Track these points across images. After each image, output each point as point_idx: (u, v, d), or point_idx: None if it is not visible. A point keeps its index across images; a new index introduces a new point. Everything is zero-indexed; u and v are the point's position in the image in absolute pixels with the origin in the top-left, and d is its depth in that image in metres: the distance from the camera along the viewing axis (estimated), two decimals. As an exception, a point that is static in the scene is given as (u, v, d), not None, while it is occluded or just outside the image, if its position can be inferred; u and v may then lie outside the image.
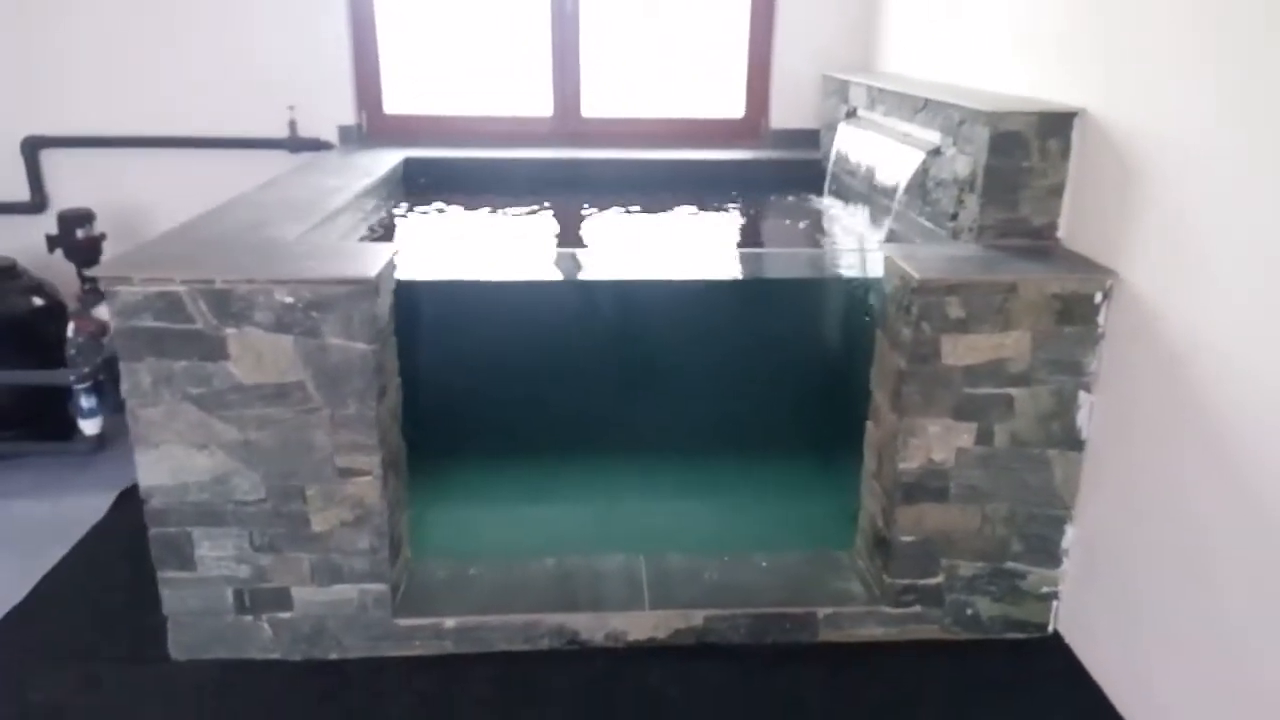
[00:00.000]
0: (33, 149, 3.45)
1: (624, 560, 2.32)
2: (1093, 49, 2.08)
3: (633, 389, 2.71)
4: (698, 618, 2.18)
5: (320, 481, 1.99)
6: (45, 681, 2.08)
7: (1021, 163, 2.13)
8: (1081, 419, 2.07)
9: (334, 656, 2.14)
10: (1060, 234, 2.19)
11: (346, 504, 2.01)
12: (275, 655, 2.13)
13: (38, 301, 3.04)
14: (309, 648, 2.13)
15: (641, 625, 2.17)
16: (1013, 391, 2.03)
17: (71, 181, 3.49)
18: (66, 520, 2.70)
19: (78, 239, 3.11)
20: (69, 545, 2.59)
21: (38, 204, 3.48)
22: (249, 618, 2.09)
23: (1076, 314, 1.99)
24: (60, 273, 3.18)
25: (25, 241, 3.28)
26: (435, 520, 2.48)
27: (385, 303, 2.00)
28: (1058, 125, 2.10)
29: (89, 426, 2.88)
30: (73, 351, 2.85)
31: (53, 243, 3.12)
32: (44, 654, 2.17)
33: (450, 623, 2.14)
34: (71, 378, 2.80)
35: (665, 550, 2.35)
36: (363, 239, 2.65)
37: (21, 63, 3.37)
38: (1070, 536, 2.16)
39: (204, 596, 2.07)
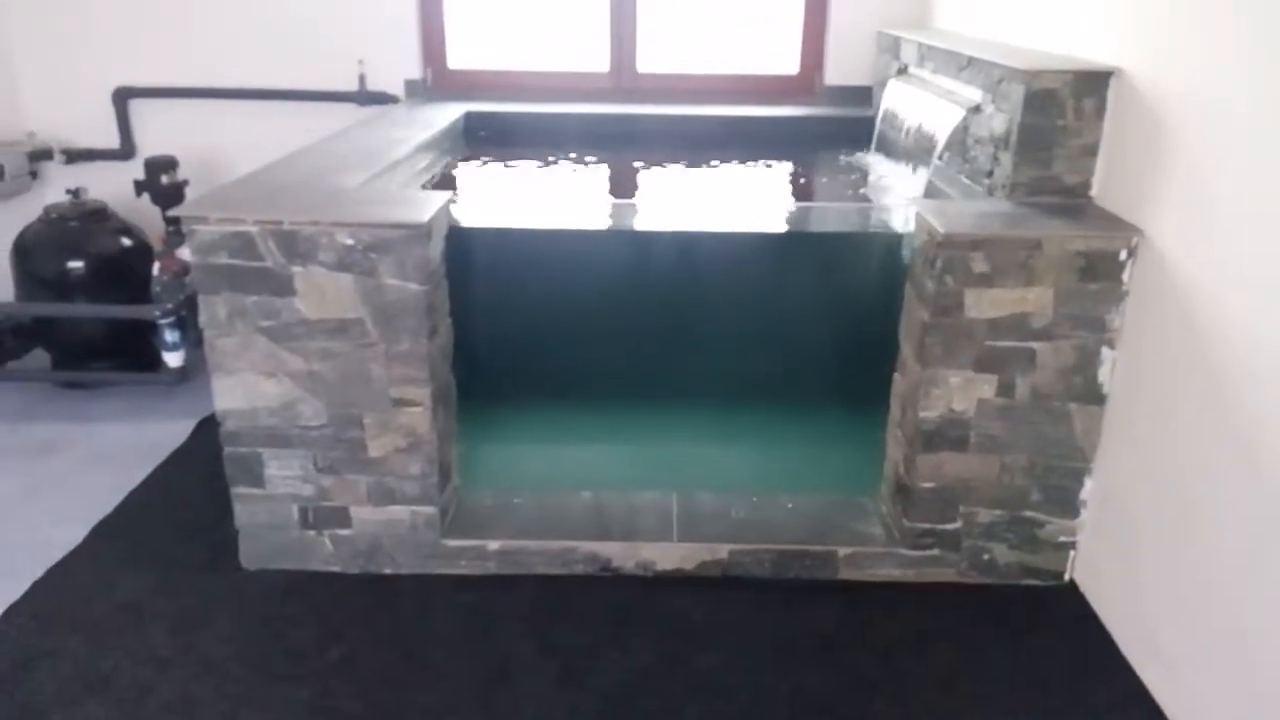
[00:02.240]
0: (122, 99, 3.69)
1: (656, 497, 2.45)
2: (1130, 7, 2.09)
3: (672, 336, 2.83)
4: (723, 551, 2.31)
5: (376, 410, 2.17)
6: (130, 585, 2.31)
7: (1056, 121, 2.17)
8: (1103, 374, 2.12)
9: (388, 571, 2.33)
10: (1094, 192, 2.22)
11: (400, 432, 2.19)
12: (335, 568, 2.33)
13: (126, 242, 3.27)
14: (365, 562, 2.32)
15: (670, 556, 2.31)
16: (1035, 345, 2.09)
17: (157, 130, 3.72)
18: (151, 444, 2.95)
19: (162, 184, 3.32)
20: (152, 466, 2.84)
21: (126, 151, 3.72)
22: (312, 533, 2.29)
23: (1101, 271, 2.03)
24: (146, 216, 3.41)
25: (115, 186, 3.53)
26: (483, 454, 2.65)
27: (437, 247, 2.14)
28: (1093, 84, 2.12)
29: (172, 359, 3.12)
30: (158, 289, 3.08)
31: (140, 187, 3.34)
32: (129, 561, 2.40)
33: (494, 545, 2.31)
34: (156, 313, 3.03)
35: (696, 489, 2.48)
36: (422, 187, 2.80)
37: (112, 18, 3.59)
38: (1089, 488, 2.22)
39: (272, 512, 2.28)
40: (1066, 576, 2.32)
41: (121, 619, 2.20)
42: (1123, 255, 2.02)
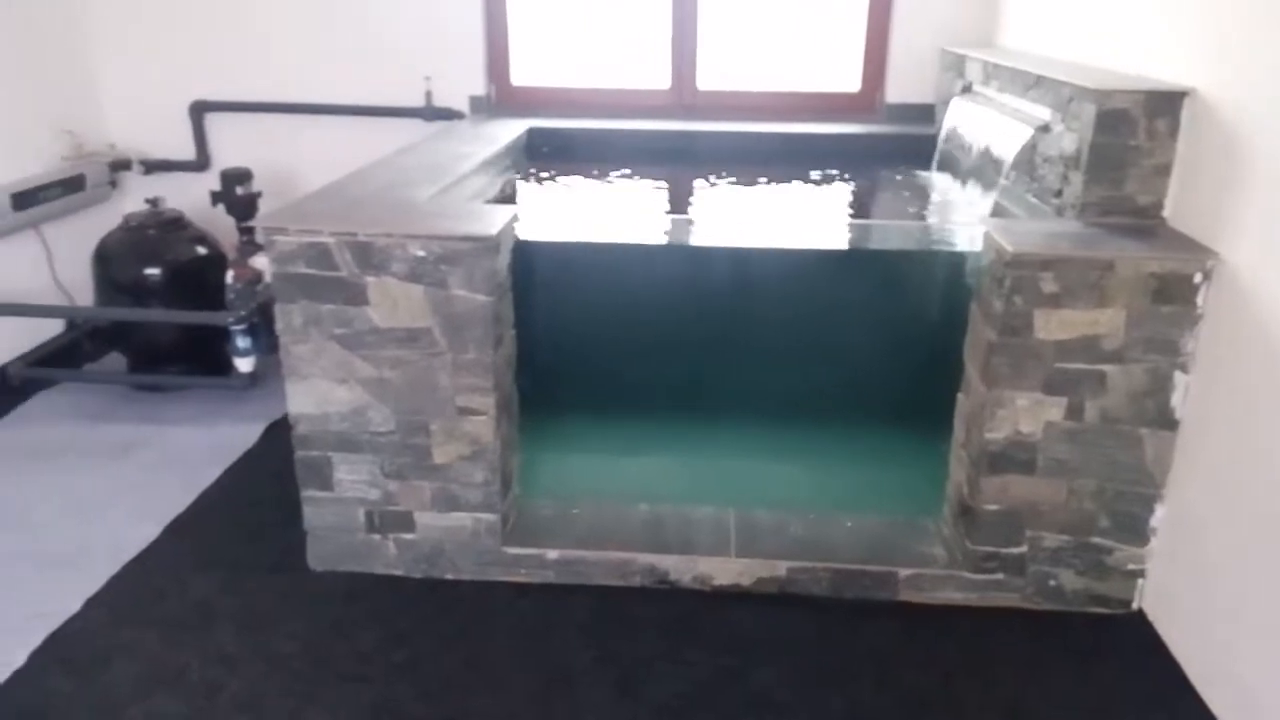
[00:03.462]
0: (199, 113, 3.82)
1: (714, 511, 2.46)
2: (1204, 28, 2.06)
3: (731, 351, 2.84)
4: (781, 568, 2.30)
5: (442, 418, 2.21)
6: (201, 583, 2.38)
7: (1128, 141, 2.14)
8: (1176, 399, 2.08)
9: (449, 577, 2.37)
10: (1166, 213, 2.18)
11: (464, 440, 2.23)
12: (398, 571, 2.38)
13: (201, 250, 3.38)
14: (428, 567, 2.36)
15: (728, 571, 2.32)
16: (1105, 368, 2.06)
17: (231, 143, 3.85)
18: (222, 446, 3.03)
19: (237, 195, 3.43)
20: (223, 468, 2.92)
21: (201, 163, 3.85)
22: (377, 536, 2.34)
23: (1174, 293, 2.00)
24: (221, 225, 3.53)
25: (190, 196, 3.65)
26: (543, 464, 2.68)
27: (504, 259, 2.18)
28: (1166, 104, 2.10)
29: (243, 364, 3.21)
30: (231, 296, 3.18)
31: (215, 198, 3.45)
32: (200, 559, 2.48)
33: (553, 554, 2.34)
34: (230, 319, 3.13)
35: (754, 505, 2.48)
36: (487, 201, 2.86)
37: (190, 35, 3.73)
38: (1159, 515, 2.18)
39: (339, 515, 2.33)
40: (1134, 605, 2.27)
41: (193, 616, 2.27)
42: (1197, 278, 1.98)
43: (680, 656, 2.14)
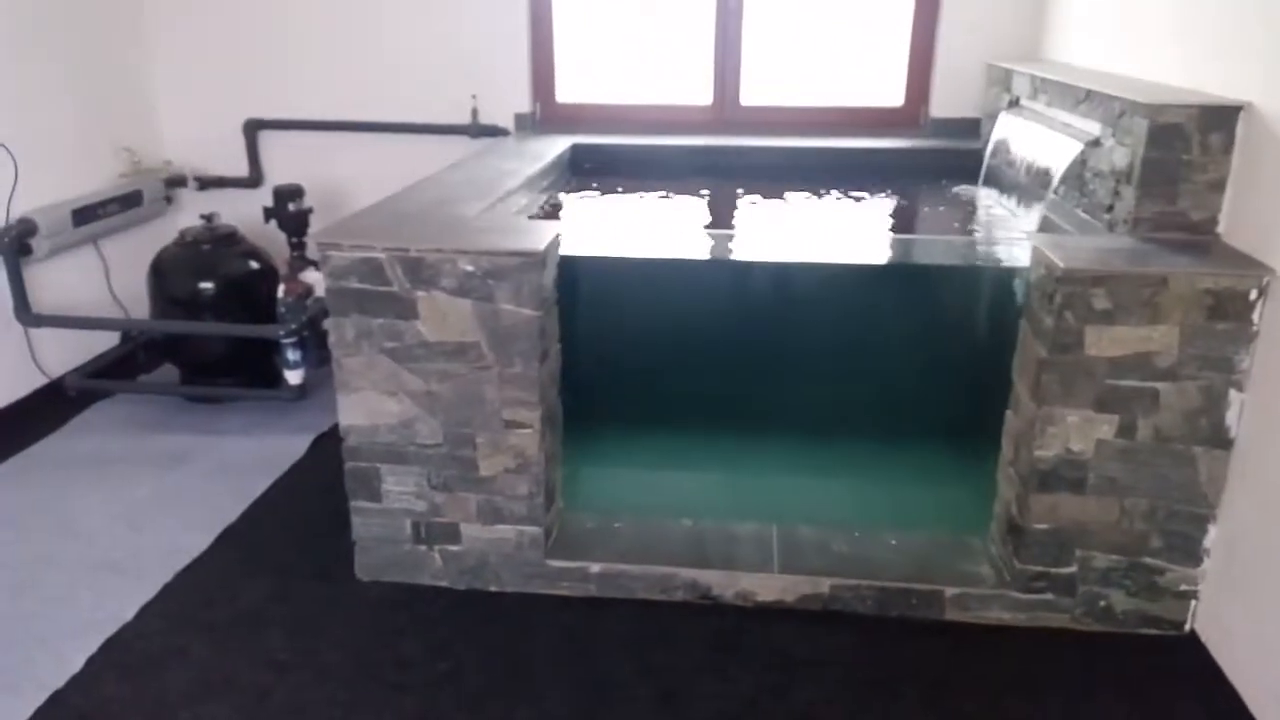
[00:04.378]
0: (252, 130, 3.92)
1: (756, 527, 2.45)
2: (1260, 40, 2.03)
3: (774, 367, 2.83)
4: (825, 585, 2.29)
5: (488, 431, 2.24)
6: (251, 591, 2.43)
7: (1181, 156, 2.11)
8: (1230, 417, 2.04)
9: (493, 589, 2.39)
10: (1220, 229, 2.15)
11: (510, 453, 2.25)
12: (444, 583, 2.40)
13: (253, 265, 3.46)
14: (472, 579, 2.39)
15: (770, 587, 2.31)
16: (1158, 386, 2.03)
17: (283, 160, 3.94)
18: (271, 457, 3.09)
19: (289, 211, 3.50)
20: (273, 478, 2.97)
21: (254, 179, 3.95)
22: (423, 547, 2.37)
23: (1230, 310, 1.96)
24: (273, 240, 3.61)
25: (243, 212, 3.74)
26: (586, 478, 2.70)
27: (551, 274, 2.21)
28: (1220, 119, 2.07)
29: (293, 377, 3.27)
30: (282, 310, 3.24)
31: (268, 214, 3.53)
32: (250, 568, 2.52)
33: (595, 568, 2.35)
34: (280, 333, 3.19)
35: (797, 521, 2.47)
36: (533, 217, 2.89)
37: (243, 53, 3.83)
38: (1213, 536, 2.13)
39: (387, 526, 2.36)
40: (1187, 627, 2.22)
41: (243, 623, 2.31)
42: (1253, 294, 1.95)
43: (723, 672, 2.13)
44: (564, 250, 2.29)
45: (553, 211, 3.06)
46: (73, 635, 2.25)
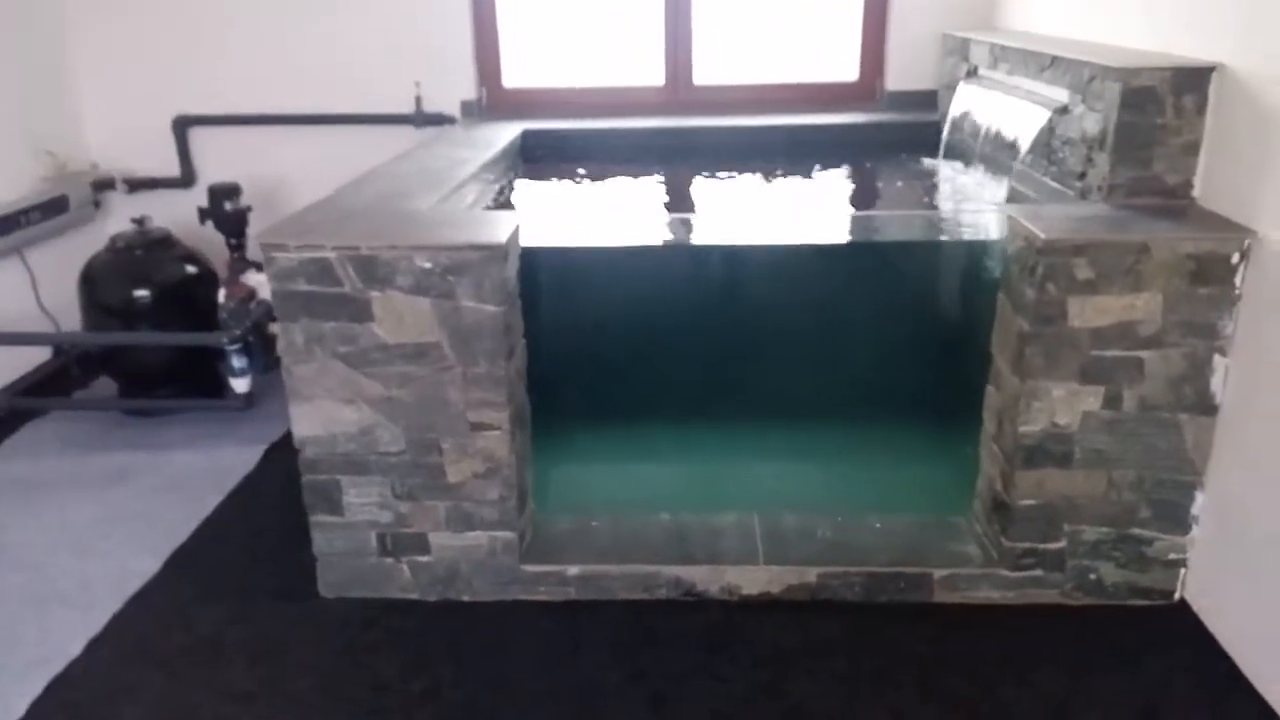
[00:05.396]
0: (182, 128, 3.71)
1: (738, 518, 2.38)
2: (1229, 1, 1.99)
3: (748, 353, 2.75)
4: (811, 575, 2.22)
5: (454, 435, 2.12)
6: (208, 615, 2.28)
7: (1155, 119, 2.07)
8: (1215, 383, 2.01)
9: (466, 598, 2.28)
10: (1195, 193, 2.12)
11: (478, 457, 2.14)
12: (414, 595, 2.29)
13: (191, 269, 3.27)
14: (444, 589, 2.27)
15: (756, 580, 2.24)
16: (1143, 354, 2.00)
17: (217, 158, 3.74)
18: (221, 471, 2.93)
19: (226, 211, 3.32)
20: (224, 494, 2.82)
21: (187, 179, 3.75)
22: (390, 560, 2.25)
23: (1211, 275, 1.93)
24: (210, 243, 3.42)
25: (178, 214, 3.54)
26: (558, 477, 2.59)
27: (513, 267, 2.10)
28: (1193, 81, 2.03)
29: (239, 385, 3.10)
30: (224, 315, 3.06)
31: (204, 215, 3.35)
32: (206, 591, 2.37)
33: (573, 570, 2.25)
34: (224, 339, 3.02)
35: (779, 509, 2.40)
36: (487, 208, 2.77)
37: (171, 46, 3.62)
38: (1200, 503, 2.11)
39: (350, 539, 2.24)
40: (1177, 595, 2.20)
41: (201, 652, 2.17)
42: (1235, 258, 1.92)
43: (713, 671, 2.06)
44: (522, 241, 2.17)
45: (508, 201, 2.94)
46: (15, 676, 2.09)
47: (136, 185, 3.76)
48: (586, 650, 2.13)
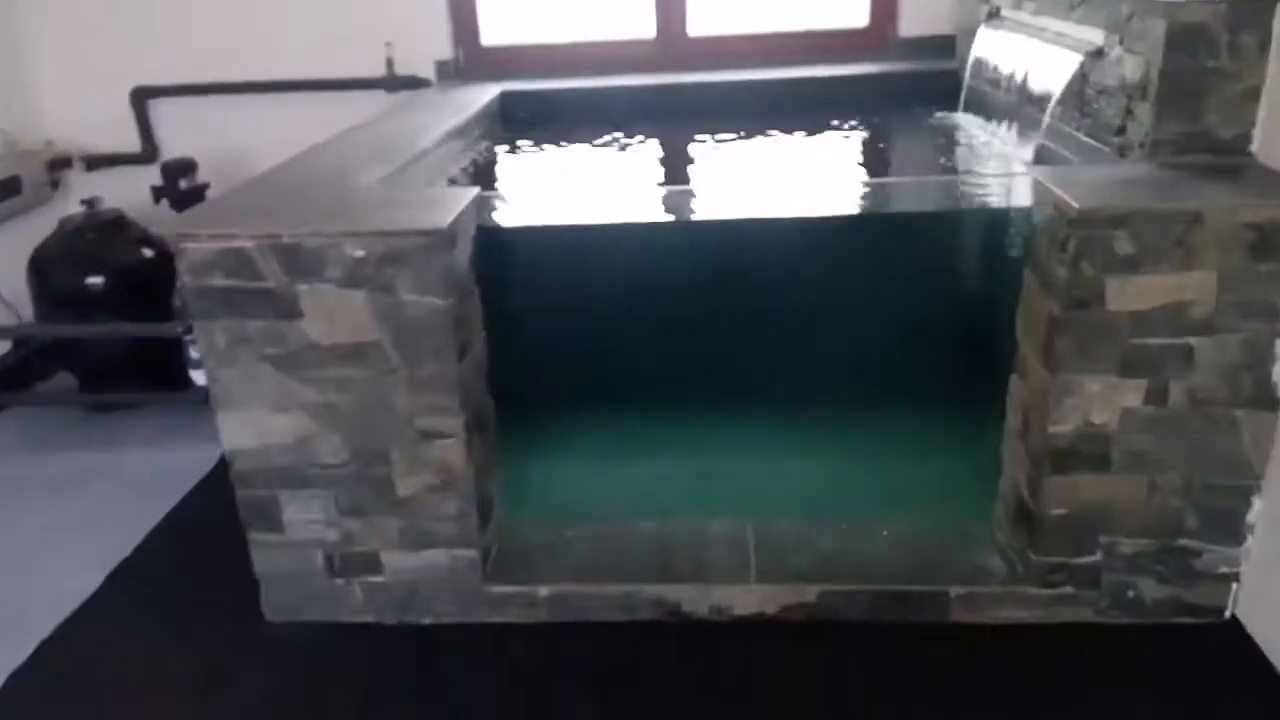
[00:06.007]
0: (141, 100, 3.47)
1: (729, 526, 2.13)
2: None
3: (742, 338, 2.47)
4: (810, 593, 1.98)
5: (402, 445, 1.88)
6: (147, 640, 2.09)
7: (1206, 62, 1.77)
8: (1278, 373, 1.72)
9: (427, 621, 2.06)
10: (1255, 149, 1.82)
11: (431, 468, 1.90)
12: (368, 618, 2.07)
13: (147, 253, 3.05)
14: (401, 611, 2.05)
15: (748, 600, 1.99)
16: (1193, 341, 1.71)
17: (180, 130, 3.50)
18: (176, 472, 2.72)
19: (181, 189, 3.09)
20: (179, 496, 2.62)
21: (149, 154, 3.51)
22: (340, 581, 2.03)
23: (1275, 247, 1.63)
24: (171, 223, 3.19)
25: (142, 192, 3.31)
26: (531, 477, 2.36)
27: (464, 253, 1.84)
28: (1253, 15, 1.72)
29: (200, 377, 2.88)
30: (179, 303, 2.84)
31: (158, 194, 3.12)
32: (147, 612, 2.18)
33: (544, 590, 2.02)
34: (179, 329, 2.80)
35: (774, 515, 2.15)
36: (451, 181, 2.50)
37: (127, 12, 3.37)
38: (1257, 510, 1.83)
39: (294, 559, 2.02)
40: (1227, 613, 1.94)
41: (137, 680, 1.98)
42: (1305, 226, 1.62)
43: (698, 706, 1.83)
44: (493, 218, 1.91)
45: (481, 173, 2.67)
46: (-77, 718, 1.91)
47: (96, 163, 3.53)
48: (557, 680, 1.91)
